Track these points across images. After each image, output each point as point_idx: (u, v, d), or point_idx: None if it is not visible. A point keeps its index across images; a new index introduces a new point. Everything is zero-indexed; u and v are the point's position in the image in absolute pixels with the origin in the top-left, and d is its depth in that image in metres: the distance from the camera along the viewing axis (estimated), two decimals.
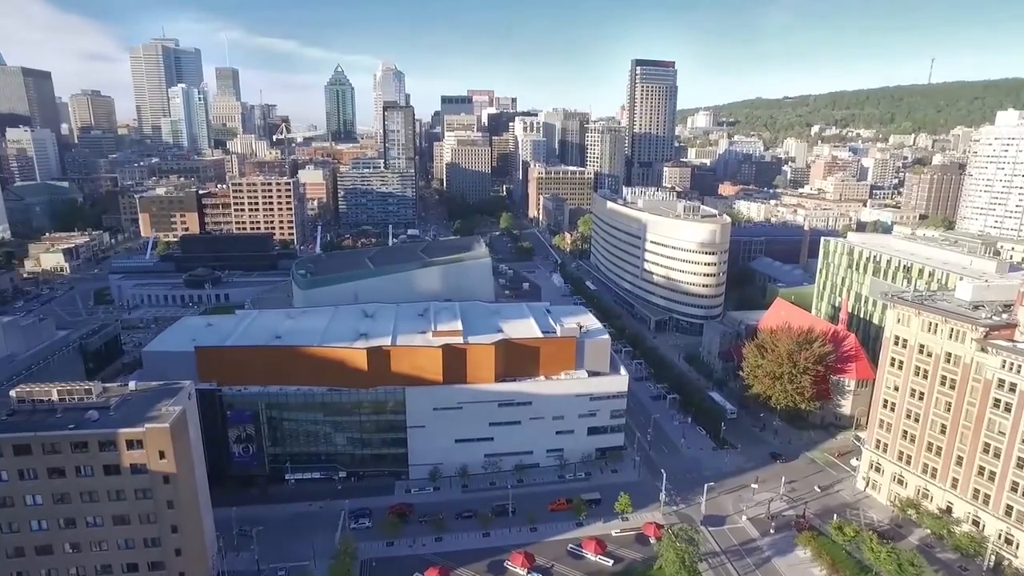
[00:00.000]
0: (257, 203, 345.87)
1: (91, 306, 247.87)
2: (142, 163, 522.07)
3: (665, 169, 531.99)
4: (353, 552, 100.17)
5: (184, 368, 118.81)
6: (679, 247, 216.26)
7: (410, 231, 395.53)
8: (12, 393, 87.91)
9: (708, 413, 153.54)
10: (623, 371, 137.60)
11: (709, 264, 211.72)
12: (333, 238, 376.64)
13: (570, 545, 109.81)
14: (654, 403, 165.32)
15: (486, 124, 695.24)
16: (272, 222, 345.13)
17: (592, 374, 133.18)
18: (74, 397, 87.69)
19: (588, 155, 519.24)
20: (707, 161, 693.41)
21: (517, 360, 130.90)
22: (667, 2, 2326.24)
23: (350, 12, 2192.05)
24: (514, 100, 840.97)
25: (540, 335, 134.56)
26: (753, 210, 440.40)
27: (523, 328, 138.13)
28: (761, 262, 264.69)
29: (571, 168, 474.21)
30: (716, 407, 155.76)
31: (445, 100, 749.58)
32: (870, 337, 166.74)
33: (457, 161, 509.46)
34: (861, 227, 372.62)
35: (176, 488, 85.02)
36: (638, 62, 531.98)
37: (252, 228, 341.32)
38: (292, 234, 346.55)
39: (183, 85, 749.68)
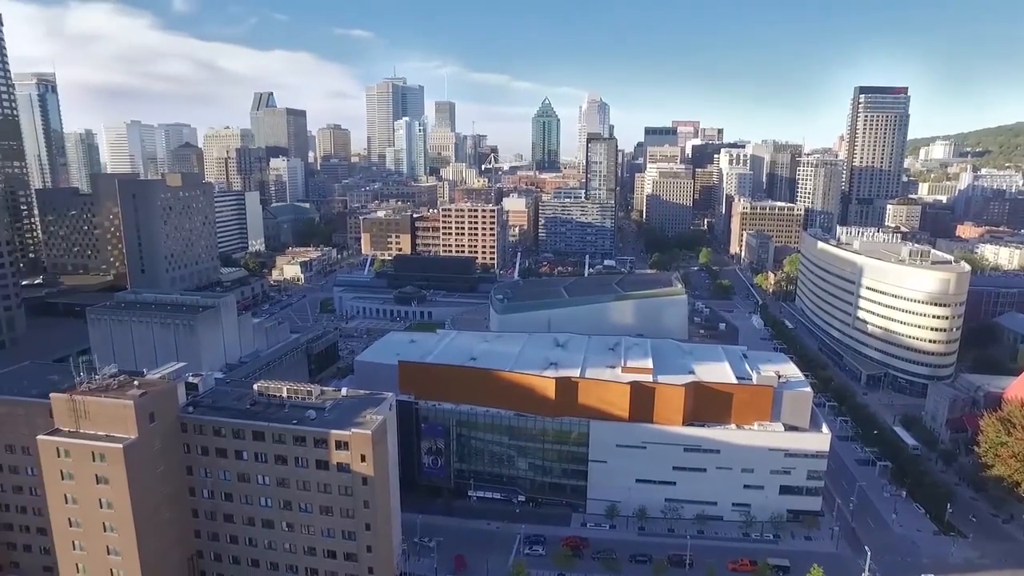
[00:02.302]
0: (463, 228, 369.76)
1: (317, 314, 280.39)
2: (367, 188, 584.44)
3: (889, 207, 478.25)
4: None
5: (388, 379, 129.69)
6: (902, 296, 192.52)
7: (607, 262, 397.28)
8: (255, 386, 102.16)
9: (930, 489, 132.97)
10: (825, 428, 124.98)
11: (939, 317, 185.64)
12: (531, 264, 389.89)
13: None
14: (860, 468, 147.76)
15: (690, 156, 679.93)
16: (476, 246, 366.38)
17: (789, 428, 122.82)
18: (299, 396, 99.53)
19: (798, 190, 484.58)
20: (943, 198, 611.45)
21: (707, 405, 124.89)
22: (900, 24, 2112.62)
23: (560, 47, 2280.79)
24: (720, 131, 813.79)
25: (734, 381, 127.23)
26: (1003, 256, 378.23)
27: (716, 372, 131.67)
28: (1011, 318, 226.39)
29: (779, 204, 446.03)
30: (941, 484, 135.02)
31: (649, 131, 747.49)
32: None
33: (658, 193, 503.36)
34: None
35: (372, 490, 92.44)
36: (862, 89, 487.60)
37: (457, 251, 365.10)
38: (493, 259, 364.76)
39: (407, 118, 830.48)
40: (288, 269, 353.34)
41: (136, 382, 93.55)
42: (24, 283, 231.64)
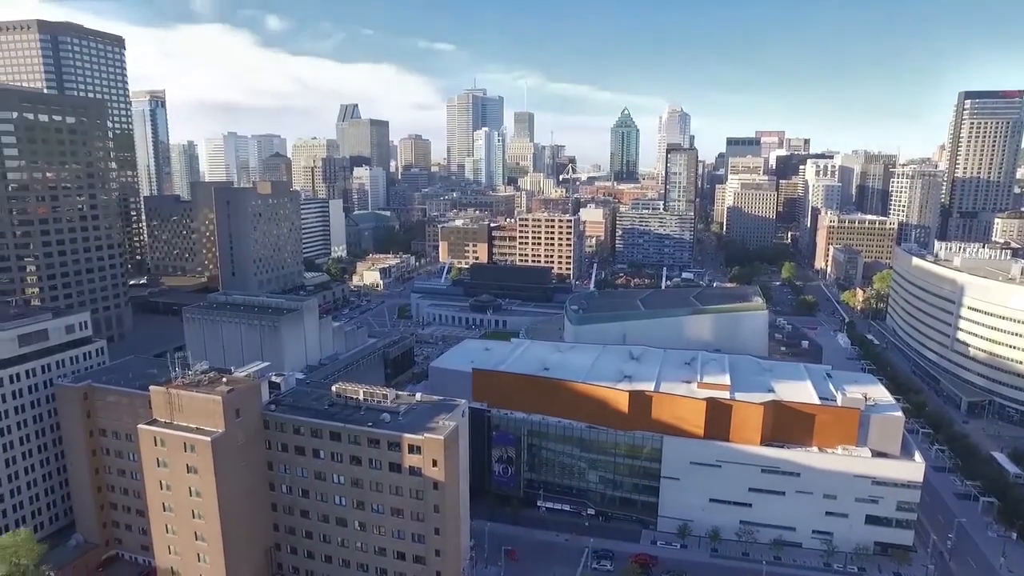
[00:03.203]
0: (540, 237, 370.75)
1: (395, 319, 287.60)
2: (446, 197, 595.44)
3: (997, 220, 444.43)
4: None
5: (461, 386, 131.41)
6: (1010, 317, 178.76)
7: (684, 274, 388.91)
8: (333, 388, 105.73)
9: None
10: (918, 457, 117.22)
11: None
12: (607, 276, 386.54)
13: None
14: (960, 503, 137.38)
15: (773, 167, 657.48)
16: (552, 256, 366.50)
17: (877, 454, 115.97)
18: (375, 399, 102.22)
19: (892, 203, 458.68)
20: None
21: (787, 425, 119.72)
22: (1011, 23, 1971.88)
23: (642, 56, 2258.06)
24: (806, 141, 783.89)
25: (817, 401, 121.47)
26: None
27: (798, 391, 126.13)
28: None
29: (869, 217, 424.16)
30: None
31: (731, 141, 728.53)
32: None
33: (739, 205, 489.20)
34: None
35: (443, 495, 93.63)
36: (968, 94, 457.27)
37: (533, 261, 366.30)
38: (569, 269, 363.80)
39: (486, 128, 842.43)
40: (368, 275, 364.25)
41: (224, 379, 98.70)
42: (131, 283, 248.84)
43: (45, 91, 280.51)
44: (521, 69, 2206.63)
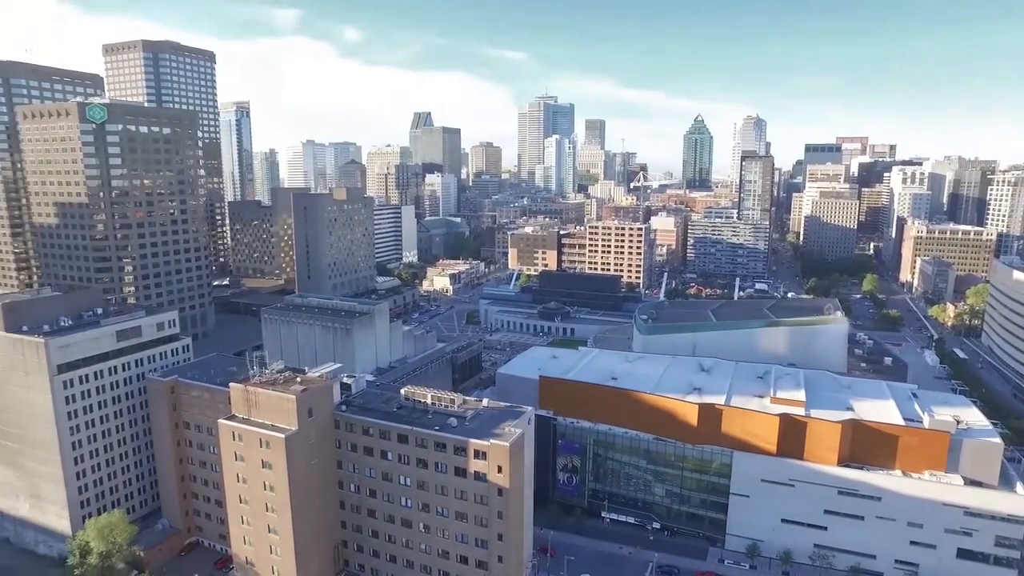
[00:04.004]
0: (610, 245, 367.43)
1: (463, 325, 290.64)
2: (516, 204, 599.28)
3: None
4: None
5: (528, 393, 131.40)
6: None
7: (758, 285, 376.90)
8: (402, 391, 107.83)
9: None
10: (1021, 488, 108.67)
11: None
12: (678, 285, 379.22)
13: None
14: None
15: (855, 174, 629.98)
16: (621, 265, 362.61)
17: (970, 482, 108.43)
18: (442, 403, 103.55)
19: (990, 212, 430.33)
20: None
21: (867, 446, 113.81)
22: None
23: (716, 61, 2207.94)
24: (892, 147, 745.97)
25: (901, 422, 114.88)
26: None
27: (879, 410, 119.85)
28: None
29: (963, 227, 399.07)
30: None
31: (809, 148, 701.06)
32: None
33: (817, 214, 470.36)
34: None
35: (507, 501, 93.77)
36: None
37: (603, 269, 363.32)
38: (639, 278, 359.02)
39: (557, 136, 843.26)
40: (438, 280, 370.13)
41: (299, 378, 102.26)
42: (214, 284, 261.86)
43: (146, 104, 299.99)
44: (592, 76, 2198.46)
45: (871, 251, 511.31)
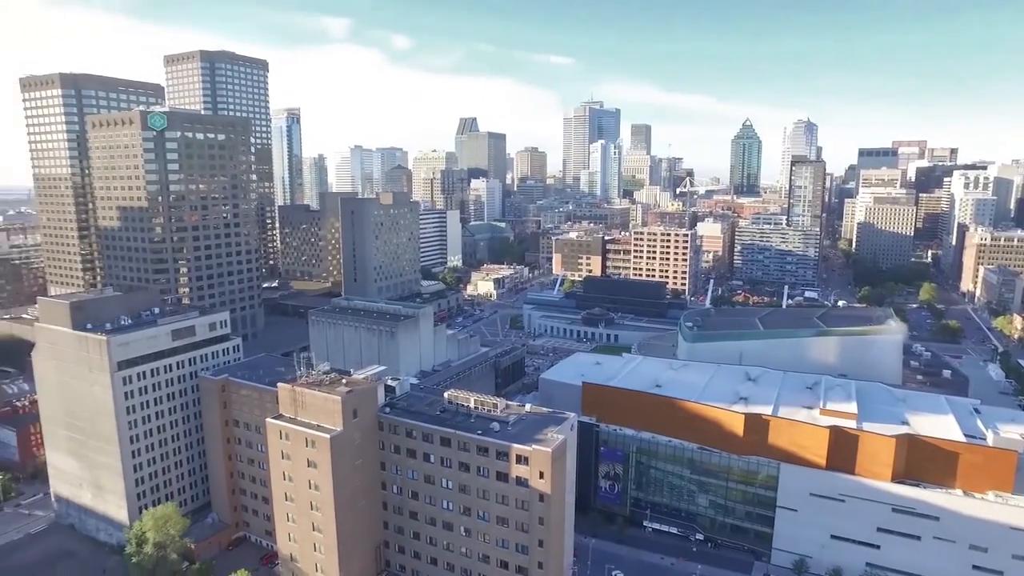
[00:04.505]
0: (655, 252, 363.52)
1: (507, 329, 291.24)
2: (561, 209, 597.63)
3: None
4: None
5: (571, 399, 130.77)
6: None
7: (807, 293, 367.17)
8: (445, 395, 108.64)
9: None
10: None
11: None
12: (724, 292, 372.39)
13: None
14: None
15: (912, 179, 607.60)
16: (667, 271, 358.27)
17: None
18: (485, 408, 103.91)
19: None
20: None
21: (924, 462, 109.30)
22: None
23: (766, 64, 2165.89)
24: (953, 151, 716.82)
25: (962, 439, 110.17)
26: None
27: (937, 425, 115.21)
28: None
29: None
30: None
31: (863, 152, 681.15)
32: None
33: (871, 220, 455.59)
34: None
35: (548, 507, 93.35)
36: None
37: (648, 275, 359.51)
38: (684, 284, 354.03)
39: (602, 141, 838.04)
40: (482, 285, 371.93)
41: (344, 380, 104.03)
42: (264, 286, 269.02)
43: (202, 111, 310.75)
44: (638, 81, 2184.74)
45: (928, 259, 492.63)
